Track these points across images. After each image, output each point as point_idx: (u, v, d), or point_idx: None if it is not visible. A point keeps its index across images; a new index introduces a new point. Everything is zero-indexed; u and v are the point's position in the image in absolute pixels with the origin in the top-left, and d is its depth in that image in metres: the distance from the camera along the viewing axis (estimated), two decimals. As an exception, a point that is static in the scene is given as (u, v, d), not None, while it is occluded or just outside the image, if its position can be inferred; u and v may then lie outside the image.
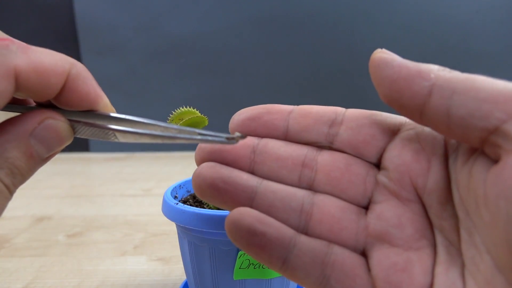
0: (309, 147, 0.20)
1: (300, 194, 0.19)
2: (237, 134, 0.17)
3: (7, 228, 0.49)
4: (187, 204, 0.28)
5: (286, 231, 0.18)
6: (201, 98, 0.95)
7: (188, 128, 0.17)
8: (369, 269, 0.18)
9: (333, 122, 0.20)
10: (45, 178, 0.74)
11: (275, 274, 0.27)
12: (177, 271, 0.38)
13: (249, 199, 0.19)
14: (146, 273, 0.38)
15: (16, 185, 0.16)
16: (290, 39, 0.92)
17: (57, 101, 0.17)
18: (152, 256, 0.41)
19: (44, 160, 0.17)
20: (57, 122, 0.17)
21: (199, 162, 0.20)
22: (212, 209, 0.27)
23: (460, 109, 0.15)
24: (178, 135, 0.17)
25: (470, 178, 0.16)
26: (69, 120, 0.17)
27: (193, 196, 0.32)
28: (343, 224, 0.18)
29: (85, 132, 0.18)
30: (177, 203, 0.27)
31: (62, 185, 0.69)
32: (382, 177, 0.19)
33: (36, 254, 0.42)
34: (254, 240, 0.18)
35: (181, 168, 0.81)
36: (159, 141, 0.17)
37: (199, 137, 0.17)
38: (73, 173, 0.79)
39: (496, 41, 0.90)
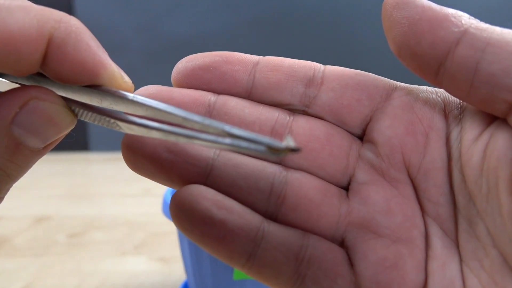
0: (280, 110, 0.16)
1: (269, 170, 0.15)
2: (288, 143, 0.11)
3: (7, 228, 0.49)
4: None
5: (251, 219, 0.14)
6: (201, 98, 0.95)
7: (215, 123, 0.12)
8: (351, 264, 0.15)
9: (310, 81, 0.16)
10: (45, 178, 0.74)
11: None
12: (177, 271, 0.38)
13: (203, 176, 0.14)
14: (146, 273, 0.38)
15: (1, 187, 0.13)
16: (290, 39, 0.92)
17: (47, 74, 0.13)
18: (152, 256, 0.41)
19: (41, 151, 0.13)
20: (45, 104, 0.12)
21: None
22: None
23: (492, 65, 0.12)
24: (199, 135, 0.12)
25: (486, 156, 0.13)
26: (66, 99, 0.13)
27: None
28: (322, 209, 0.15)
29: (87, 115, 0.13)
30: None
31: (62, 185, 0.69)
32: (367, 151, 0.15)
33: (36, 254, 0.42)
34: (211, 231, 0.14)
35: (181, 168, 0.81)
36: (172, 139, 0.12)
37: (228, 141, 0.11)
38: (73, 173, 0.79)
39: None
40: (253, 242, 0.14)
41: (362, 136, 0.16)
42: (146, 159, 0.14)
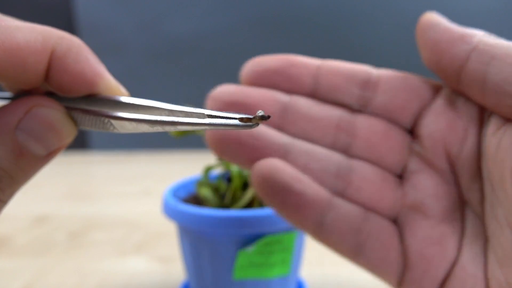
0: (341, 109, 0.19)
1: (335, 157, 0.18)
2: (259, 113, 0.13)
3: (7, 228, 0.49)
4: (187, 204, 0.28)
5: (323, 193, 0.17)
6: (201, 98, 0.95)
7: (196, 110, 0.14)
8: (402, 239, 0.18)
9: (366, 84, 0.18)
10: (45, 178, 0.74)
11: (275, 273, 0.27)
12: (177, 271, 0.38)
13: (280, 157, 0.17)
14: (146, 273, 0.38)
15: (5, 189, 0.13)
16: (290, 39, 0.92)
17: (51, 86, 0.14)
18: (152, 256, 0.41)
19: (44, 159, 0.14)
20: (48, 110, 0.13)
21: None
22: (212, 208, 0.27)
23: (496, 75, 0.15)
24: (182, 120, 0.13)
25: (498, 149, 0.15)
26: (68, 108, 0.14)
27: (193, 196, 0.32)
28: (383, 193, 0.18)
29: (85, 122, 0.14)
30: (177, 203, 0.27)
31: (62, 185, 0.69)
32: (416, 145, 0.18)
33: (36, 254, 0.42)
34: (290, 199, 0.16)
35: (181, 168, 0.81)
36: (159, 128, 0.14)
37: (207, 120, 0.13)
38: (73, 173, 0.79)
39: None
40: (323, 213, 0.17)
41: (412, 131, 0.19)
42: (234, 143, 0.17)
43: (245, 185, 0.29)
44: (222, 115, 0.13)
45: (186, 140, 0.86)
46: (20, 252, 0.42)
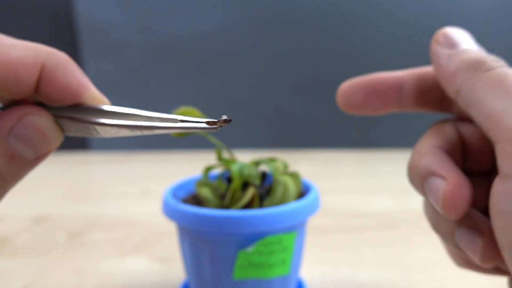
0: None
1: None
2: (223, 117, 0.16)
3: (7, 228, 0.49)
4: (187, 204, 0.28)
5: None
6: (201, 98, 0.95)
7: (170, 116, 0.16)
8: None
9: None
10: (45, 178, 0.74)
11: (275, 273, 0.27)
12: (177, 271, 0.38)
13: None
14: (146, 273, 0.38)
15: None
16: (290, 39, 0.92)
17: (40, 96, 0.15)
18: (152, 256, 0.41)
19: (33, 162, 0.15)
20: (38, 118, 0.15)
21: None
22: (212, 208, 0.27)
23: (475, 118, 0.17)
24: (158, 124, 0.15)
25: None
26: (55, 116, 0.16)
27: (193, 196, 0.32)
28: None
29: (71, 129, 0.16)
30: (177, 203, 0.27)
31: (62, 185, 0.69)
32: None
33: (36, 254, 0.42)
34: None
35: (181, 168, 0.81)
36: (138, 132, 0.16)
37: (179, 124, 0.16)
38: (73, 173, 0.79)
39: (496, 41, 0.90)
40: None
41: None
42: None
43: (245, 185, 0.29)
44: (192, 120, 0.16)
45: (186, 140, 0.86)
46: (20, 252, 0.42)
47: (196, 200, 0.31)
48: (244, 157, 0.34)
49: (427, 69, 0.22)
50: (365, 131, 0.96)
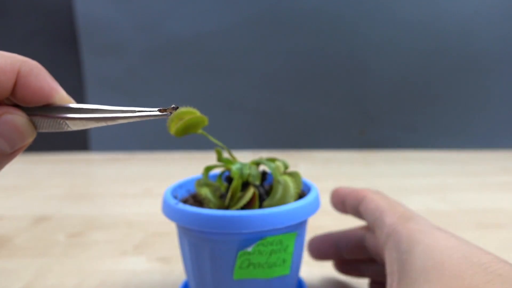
0: None
1: None
2: (172, 105, 0.19)
3: (7, 228, 0.49)
4: (187, 204, 0.28)
5: None
6: (201, 98, 0.95)
7: (130, 108, 0.19)
8: None
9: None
10: (45, 178, 0.74)
11: (275, 273, 0.27)
12: (177, 271, 0.38)
13: None
14: (146, 273, 0.38)
15: None
16: (290, 39, 0.92)
17: (14, 99, 0.18)
18: (152, 256, 0.41)
19: (8, 156, 0.18)
20: (15, 116, 0.18)
21: None
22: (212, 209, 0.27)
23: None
24: (119, 115, 0.18)
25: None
26: (29, 115, 0.18)
27: (193, 196, 0.32)
28: None
29: (43, 126, 0.19)
30: (177, 203, 0.27)
31: (62, 185, 0.69)
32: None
33: (36, 254, 0.42)
34: None
35: (181, 168, 0.81)
36: (103, 123, 0.19)
37: (137, 114, 0.19)
38: (73, 173, 0.79)
39: (496, 41, 0.90)
40: None
41: None
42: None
43: (245, 185, 0.29)
44: (147, 110, 0.19)
45: (186, 140, 0.86)
46: (20, 252, 0.42)
47: (196, 200, 0.31)
48: (244, 157, 0.34)
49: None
50: (365, 131, 0.96)
